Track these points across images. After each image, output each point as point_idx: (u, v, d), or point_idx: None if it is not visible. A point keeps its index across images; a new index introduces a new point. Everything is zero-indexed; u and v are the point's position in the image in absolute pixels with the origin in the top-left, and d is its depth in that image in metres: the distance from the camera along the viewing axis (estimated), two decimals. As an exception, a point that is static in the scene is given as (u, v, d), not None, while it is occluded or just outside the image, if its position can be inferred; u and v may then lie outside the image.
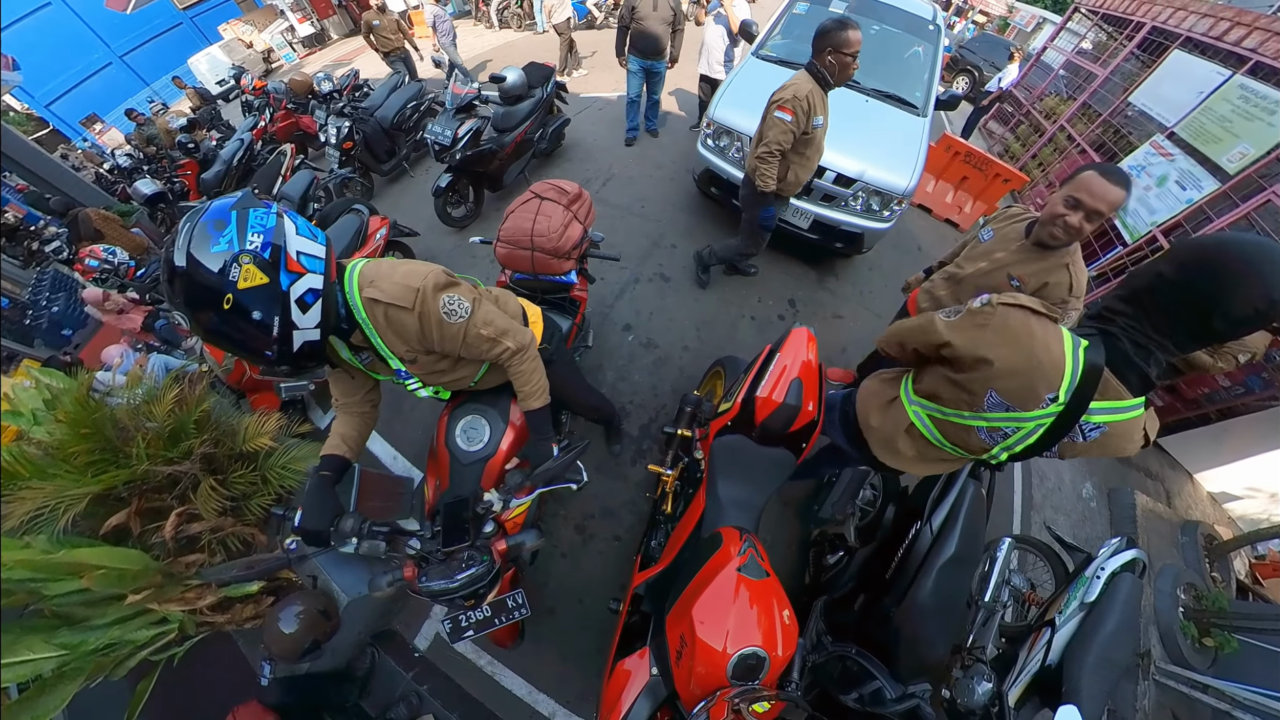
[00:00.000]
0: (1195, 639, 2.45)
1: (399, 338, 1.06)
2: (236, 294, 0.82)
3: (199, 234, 0.79)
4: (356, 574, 1.73)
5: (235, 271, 0.81)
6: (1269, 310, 0.75)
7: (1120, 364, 0.90)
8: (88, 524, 1.56)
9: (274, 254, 0.85)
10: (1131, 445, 0.95)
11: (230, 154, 4.62)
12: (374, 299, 1.00)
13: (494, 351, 1.18)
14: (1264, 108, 3.23)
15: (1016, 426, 1.00)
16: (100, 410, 1.65)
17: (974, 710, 1.48)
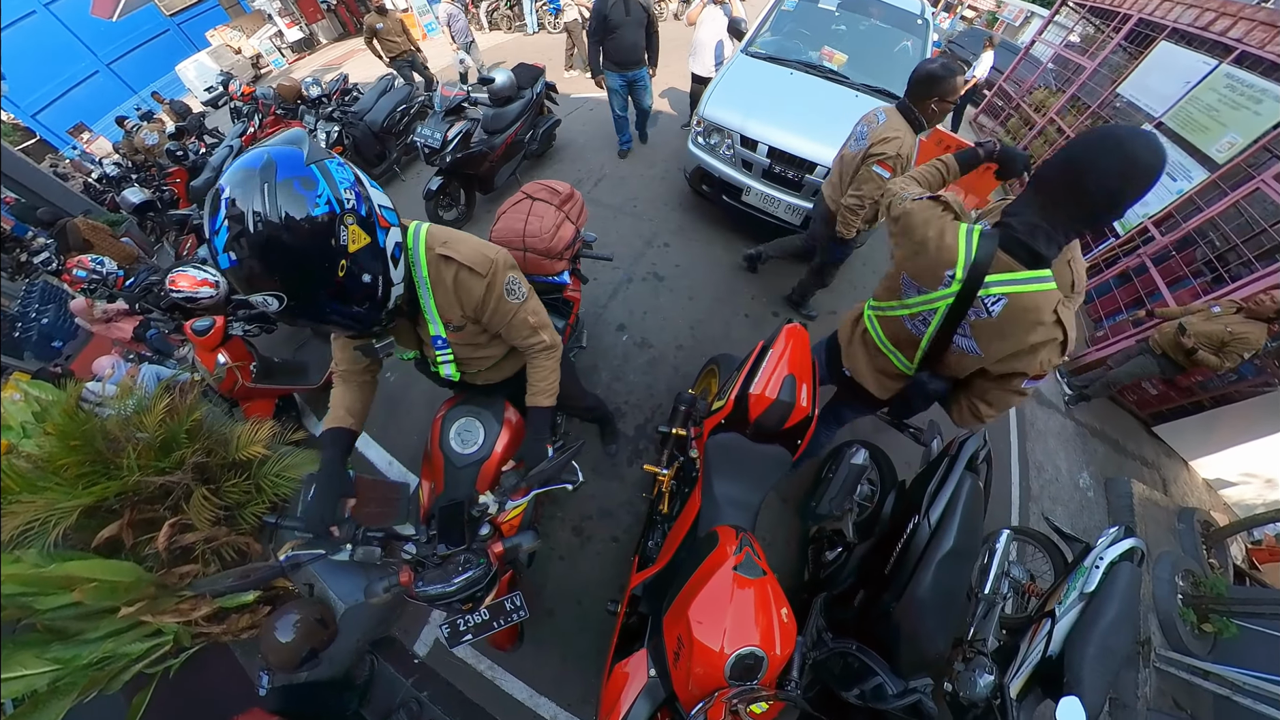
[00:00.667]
0: (1194, 625, 2.46)
1: (458, 302, 1.06)
2: (349, 259, 0.74)
3: (288, 196, 0.67)
4: (353, 581, 1.72)
5: (344, 234, 0.73)
6: (1123, 186, 0.86)
7: (1010, 244, 1.04)
8: (79, 537, 1.55)
9: (367, 208, 0.80)
10: (1043, 322, 1.01)
11: (219, 161, 4.58)
12: (448, 257, 1.00)
13: (530, 340, 1.20)
14: (1250, 96, 3.25)
15: (931, 309, 1.17)
16: (90, 422, 1.63)
17: (976, 703, 1.48)
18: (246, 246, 0.67)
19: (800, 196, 3.01)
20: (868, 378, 1.51)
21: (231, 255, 0.67)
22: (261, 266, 0.68)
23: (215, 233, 0.67)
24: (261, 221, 0.66)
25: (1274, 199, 3.06)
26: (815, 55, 3.36)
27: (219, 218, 0.67)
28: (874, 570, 1.54)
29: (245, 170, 0.68)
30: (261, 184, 0.67)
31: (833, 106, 3.06)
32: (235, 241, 0.67)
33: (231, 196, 0.67)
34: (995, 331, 1.08)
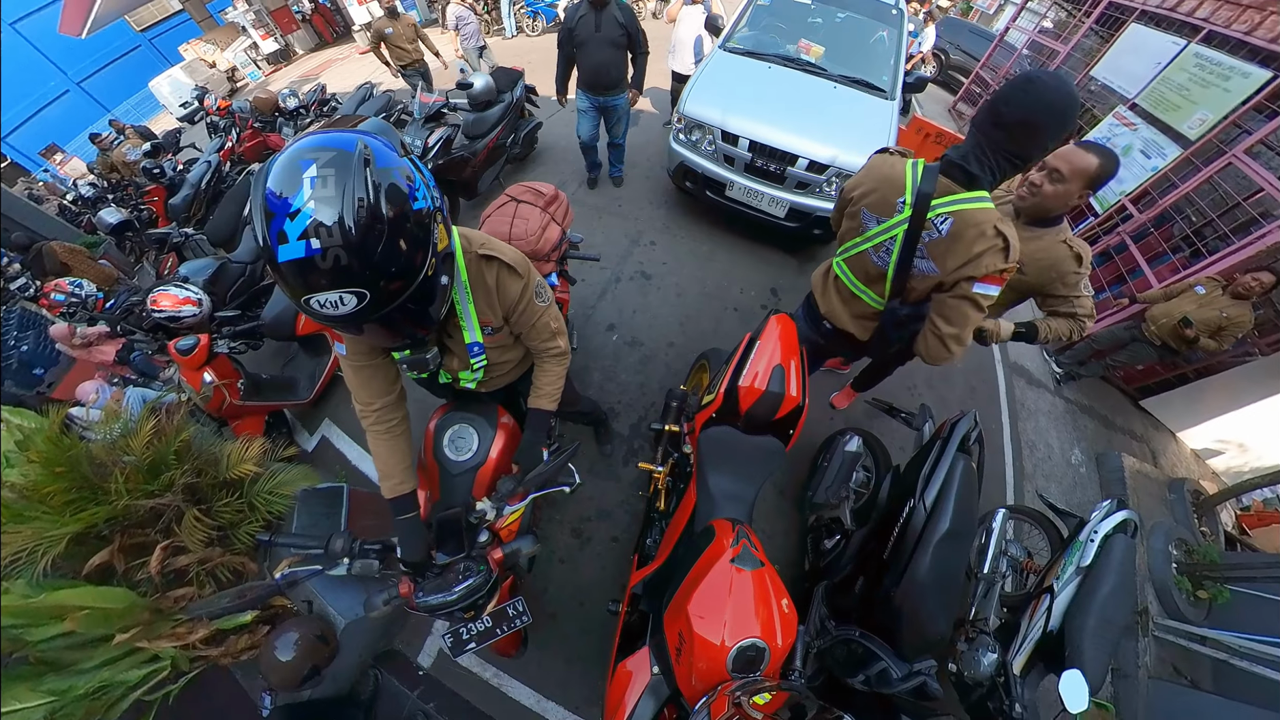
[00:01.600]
0: (1190, 593, 2.51)
1: (498, 303, 1.05)
2: (437, 257, 0.71)
3: (393, 189, 0.62)
4: (352, 595, 1.70)
5: (436, 232, 0.70)
6: (1033, 118, 1.02)
7: (950, 169, 1.20)
8: (69, 565, 1.51)
9: (446, 208, 0.78)
10: (985, 234, 1.15)
11: (198, 177, 4.51)
12: (492, 256, 0.98)
13: (548, 344, 1.19)
14: (1219, 74, 3.32)
15: (890, 237, 1.31)
16: (75, 447, 1.60)
17: (981, 681, 1.50)
18: (340, 235, 0.58)
19: (783, 189, 3.03)
20: (847, 322, 1.63)
21: (314, 243, 0.58)
22: (356, 259, 0.60)
23: (291, 215, 0.57)
24: (365, 209, 0.59)
25: (1246, 173, 3.13)
26: (792, 49, 3.38)
27: (299, 196, 0.57)
28: (873, 556, 1.56)
29: (338, 150, 0.60)
30: (364, 167, 0.60)
31: (812, 99, 3.09)
32: (324, 229, 0.57)
33: (322, 175, 0.58)
34: (947, 248, 1.22)
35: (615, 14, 2.98)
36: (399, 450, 1.14)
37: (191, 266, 2.75)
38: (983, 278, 1.19)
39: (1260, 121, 3.15)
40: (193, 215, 4.49)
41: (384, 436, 1.12)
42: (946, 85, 7.71)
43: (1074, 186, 1.38)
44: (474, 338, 1.07)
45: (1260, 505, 3.27)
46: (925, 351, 1.39)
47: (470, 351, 1.10)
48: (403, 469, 1.14)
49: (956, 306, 1.27)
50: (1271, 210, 3.12)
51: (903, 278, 1.35)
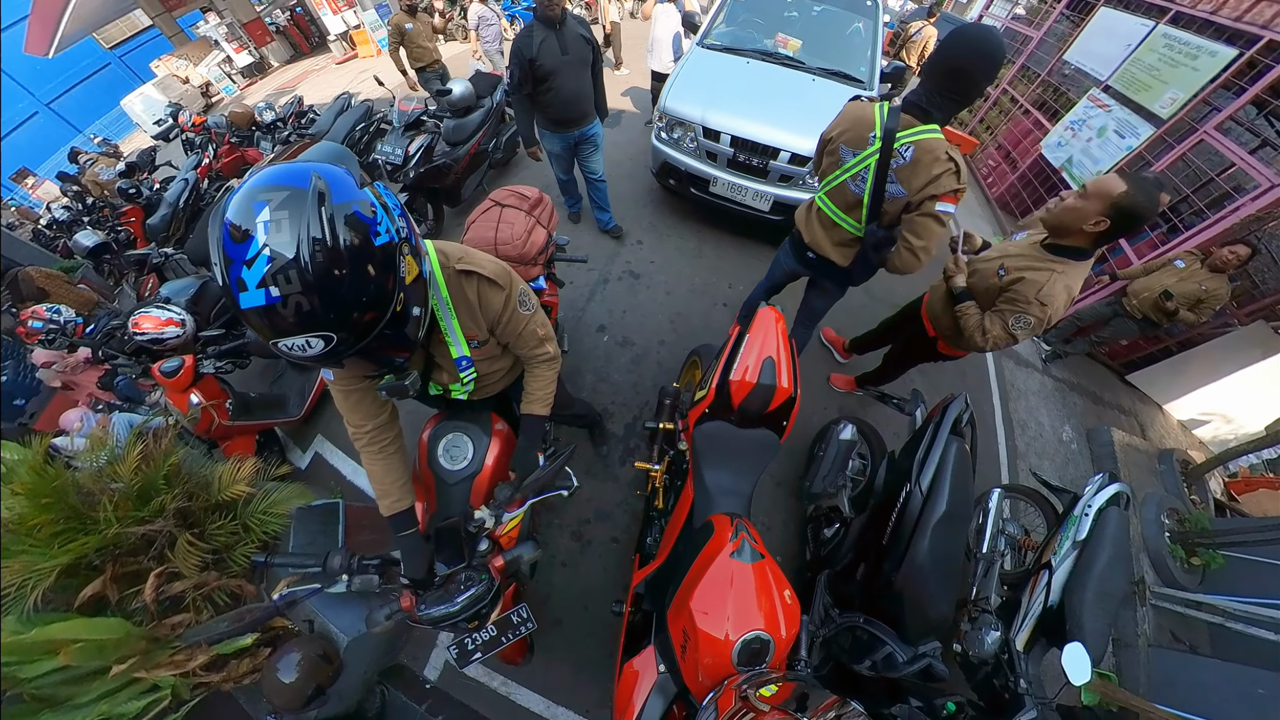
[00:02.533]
0: (1184, 560, 2.56)
1: (481, 317, 1.03)
2: (406, 291, 0.68)
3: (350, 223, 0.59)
4: (354, 612, 1.68)
5: (403, 266, 0.66)
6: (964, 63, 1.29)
7: (909, 108, 1.46)
8: (60, 598, 1.48)
9: (415, 236, 0.75)
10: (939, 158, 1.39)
11: (175, 196, 4.43)
12: (471, 271, 0.96)
13: (536, 351, 1.19)
14: (1187, 53, 3.39)
15: (864, 165, 1.54)
16: (60, 477, 1.56)
17: (986, 660, 1.52)
18: (298, 281, 0.55)
19: (767, 183, 3.04)
20: (829, 250, 1.81)
21: (273, 291, 0.55)
22: (318, 304, 0.58)
23: (248, 263, 0.55)
24: (321, 252, 0.56)
25: (1218, 148, 3.20)
26: (770, 43, 3.40)
27: (253, 244, 0.55)
28: (872, 542, 1.57)
29: (288, 188, 0.57)
30: (317, 207, 0.57)
31: (791, 92, 3.10)
32: (281, 275, 0.55)
33: (275, 218, 0.55)
34: (911, 171, 1.45)
35: (576, 28, 2.51)
36: (394, 468, 1.13)
37: (173, 287, 2.70)
38: (942, 196, 1.42)
39: (1229, 98, 3.22)
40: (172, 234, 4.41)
41: (378, 456, 1.11)
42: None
43: (1093, 205, 1.38)
44: (461, 352, 1.06)
45: (1247, 471, 3.35)
46: (900, 264, 1.61)
47: (459, 366, 1.09)
48: (399, 486, 1.14)
49: (924, 223, 1.49)
50: (1244, 184, 3.19)
51: (878, 202, 1.57)
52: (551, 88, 2.54)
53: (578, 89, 2.63)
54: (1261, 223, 3.15)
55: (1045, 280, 1.48)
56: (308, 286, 0.57)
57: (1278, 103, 3.05)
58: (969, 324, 1.68)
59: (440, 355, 1.08)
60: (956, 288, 1.77)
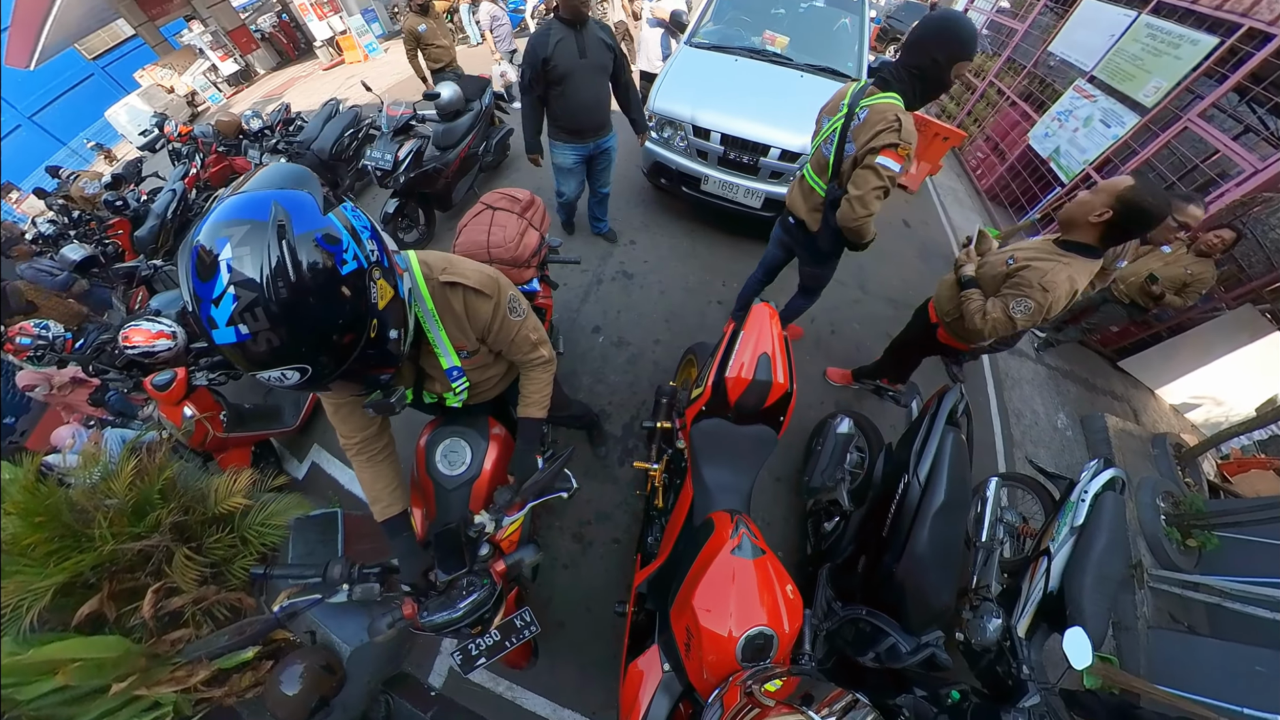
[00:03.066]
0: (1179, 542, 2.59)
1: (470, 327, 1.02)
2: (379, 317, 0.67)
3: (313, 253, 0.58)
4: (355, 621, 1.67)
5: (374, 291, 0.66)
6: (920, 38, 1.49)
7: (876, 80, 1.64)
8: (57, 617, 1.46)
9: (387, 257, 0.71)
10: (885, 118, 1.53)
11: (163, 207, 4.38)
12: (456, 283, 0.95)
13: (530, 355, 1.18)
14: (1169, 42, 3.43)
15: (833, 129, 1.72)
16: (53, 495, 1.55)
17: (988, 647, 1.53)
18: (266, 318, 0.55)
19: (758, 180, 3.05)
20: (804, 213, 1.97)
21: (242, 329, 0.55)
22: (287, 339, 0.58)
23: (215, 301, 0.54)
24: (286, 286, 0.55)
25: (1201, 135, 3.24)
26: (757, 40, 3.41)
27: (218, 282, 0.54)
28: (872, 534, 1.57)
29: (249, 222, 0.55)
30: (278, 240, 0.56)
31: (780, 89, 3.11)
32: (248, 312, 0.55)
33: (237, 255, 0.54)
34: (862, 129, 1.61)
35: (598, 32, 2.35)
36: (384, 474, 1.14)
37: (163, 299, 2.67)
38: (882, 150, 1.53)
39: (1211, 86, 3.26)
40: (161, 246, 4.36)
41: (368, 465, 1.12)
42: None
43: (1097, 200, 1.44)
44: (451, 363, 1.05)
45: (1239, 453, 3.39)
46: (840, 215, 1.72)
47: (450, 376, 1.08)
48: (389, 491, 1.13)
49: (861, 174, 1.62)
50: (1228, 170, 3.23)
51: (839, 162, 1.72)
52: (565, 92, 2.38)
53: (595, 95, 2.47)
54: (1246, 207, 3.19)
55: (1050, 268, 1.52)
56: (276, 322, 0.56)
57: (1259, 89, 3.09)
58: (971, 307, 1.72)
59: (430, 367, 1.08)
60: (964, 276, 1.82)
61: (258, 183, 0.62)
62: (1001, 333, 1.67)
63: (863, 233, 1.72)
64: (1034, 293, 1.53)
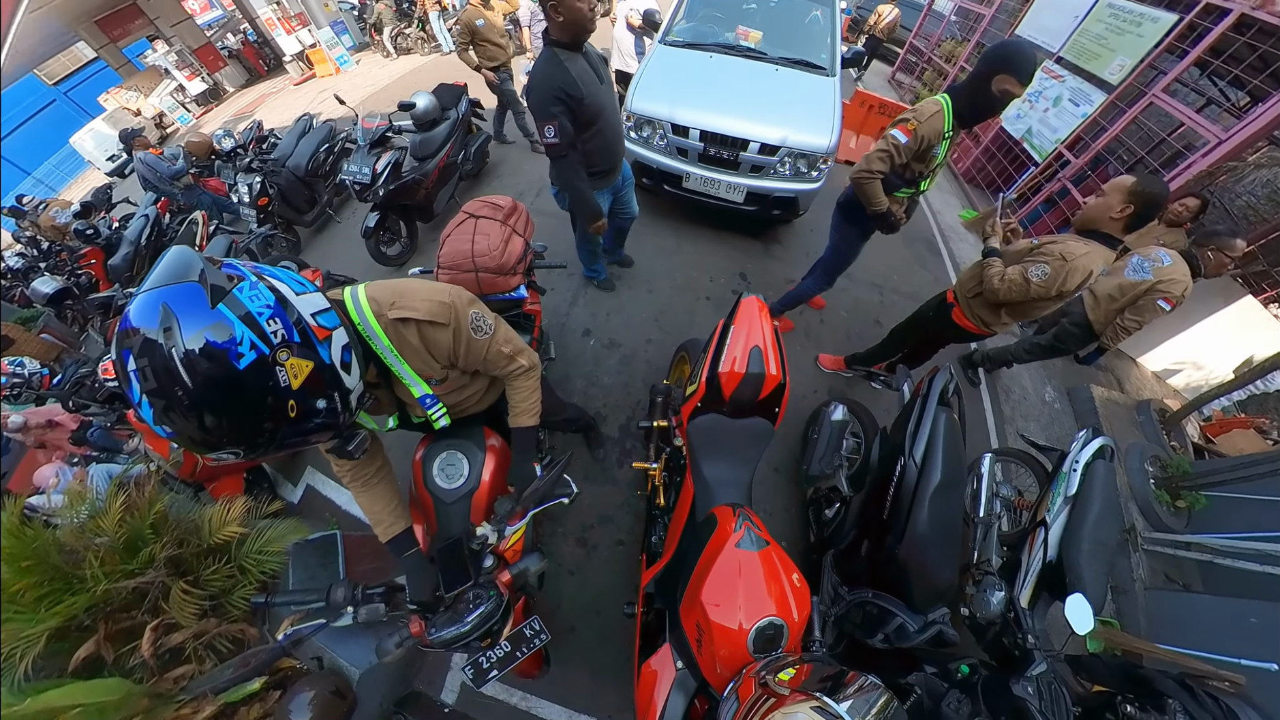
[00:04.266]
0: (1170, 504, 2.65)
1: (431, 357, 1.00)
2: (296, 397, 0.67)
3: (204, 355, 0.58)
4: (363, 644, 1.65)
5: (282, 375, 0.65)
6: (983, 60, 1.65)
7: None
8: (53, 663, 1.42)
9: (300, 331, 0.70)
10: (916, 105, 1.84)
11: (136, 233, 4.28)
12: (406, 318, 0.93)
13: (509, 368, 1.17)
14: (1131, 20, 3.51)
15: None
16: (40, 537, 1.50)
17: (993, 620, 1.55)
18: (181, 418, 0.59)
19: (739, 175, 3.06)
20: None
21: (166, 429, 0.60)
22: (202, 435, 0.61)
23: (138, 405, 0.59)
24: (184, 392, 0.58)
25: (1166, 110, 3.32)
26: (731, 36, 3.42)
27: (134, 390, 0.58)
28: (873, 518, 1.59)
29: (144, 332, 0.58)
30: (168, 349, 0.57)
31: (756, 83, 3.13)
32: (164, 415, 0.59)
33: (139, 367, 0.57)
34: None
35: (596, 50, 1.97)
36: (383, 495, 1.13)
37: (142, 329, 2.61)
38: (896, 124, 1.83)
39: (1173, 62, 3.35)
40: (136, 273, 4.26)
41: (364, 489, 1.12)
42: (884, 58, 7.94)
43: (1113, 199, 1.60)
44: (422, 392, 1.04)
45: (1220, 414, 3.49)
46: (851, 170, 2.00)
47: (423, 404, 1.07)
48: (391, 510, 1.13)
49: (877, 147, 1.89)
50: (1193, 142, 3.31)
51: None
52: (600, 130, 1.94)
53: (618, 123, 2.10)
54: (1212, 177, 3.28)
55: (1073, 245, 1.64)
56: (190, 421, 0.60)
57: (1218, 63, 3.17)
58: (990, 272, 1.82)
59: (404, 395, 1.07)
60: (989, 248, 1.91)
61: (154, 277, 0.62)
62: (1016, 295, 1.75)
63: (866, 191, 1.96)
64: (1053, 261, 1.65)
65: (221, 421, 0.62)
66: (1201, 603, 2.22)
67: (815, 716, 0.66)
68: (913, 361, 2.44)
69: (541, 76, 1.76)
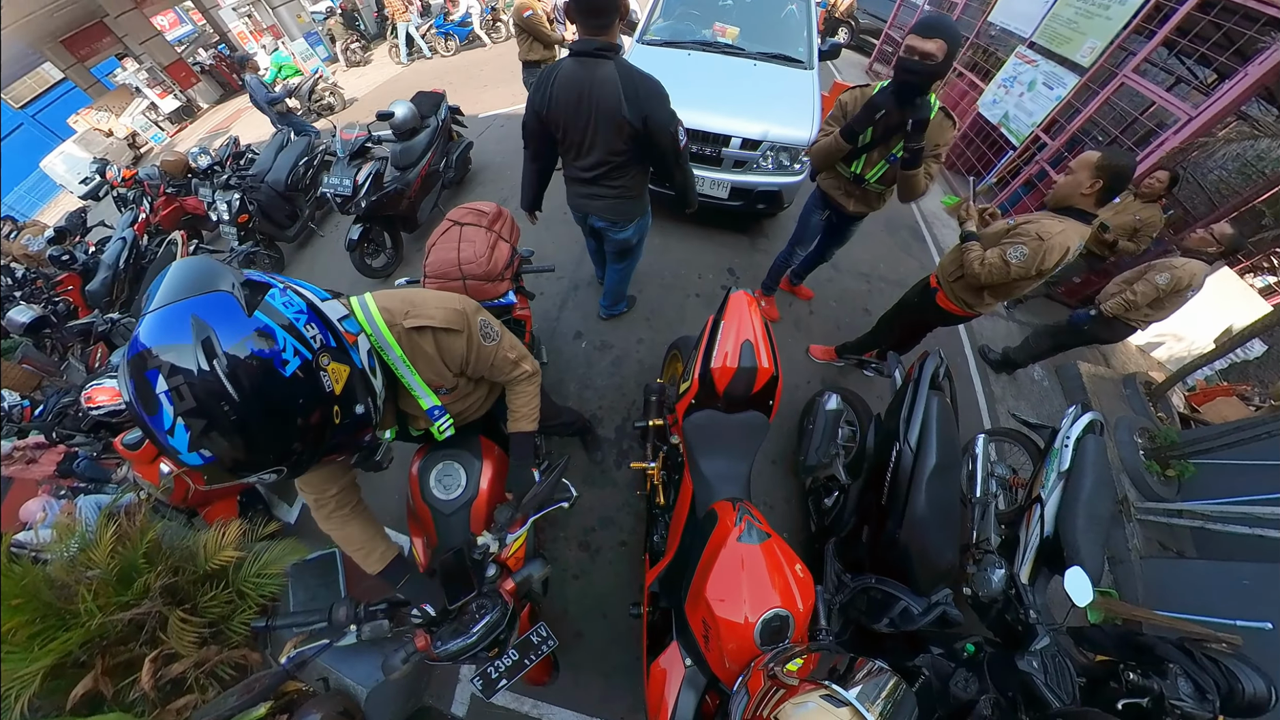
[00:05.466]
0: (1160, 474, 2.71)
1: (445, 365, 0.99)
2: (340, 402, 0.66)
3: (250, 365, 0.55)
4: (368, 661, 1.63)
5: (326, 380, 0.63)
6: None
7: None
8: (50, 702, 1.39)
9: (334, 334, 0.69)
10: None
11: (114, 256, 4.19)
12: (422, 327, 0.92)
13: (514, 374, 1.17)
14: (1099, 3, 3.57)
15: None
16: (29, 574, 1.47)
17: (995, 598, 1.57)
18: (223, 439, 0.54)
19: (722, 170, 3.07)
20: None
21: (205, 453, 0.54)
22: (248, 455, 0.57)
23: (168, 433, 0.53)
24: (230, 407, 0.53)
25: (1138, 89, 3.39)
26: (708, 33, 3.43)
27: (164, 416, 0.52)
28: (872, 504, 1.61)
29: (174, 347, 0.53)
30: (208, 360, 0.53)
31: (735, 79, 3.14)
32: (204, 438, 0.53)
33: (173, 387, 0.52)
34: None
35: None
36: (367, 526, 1.10)
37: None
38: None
39: (1141, 42, 3.41)
40: (116, 298, 4.19)
41: (340, 527, 1.07)
42: (860, 49, 8.02)
43: (1081, 175, 1.61)
44: (430, 403, 1.02)
45: (1203, 383, 3.57)
46: None
47: (431, 416, 1.05)
48: (372, 539, 1.10)
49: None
50: (1165, 120, 3.38)
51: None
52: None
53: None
54: (1184, 154, 3.35)
55: (1048, 223, 1.66)
56: (233, 441, 0.55)
57: (1185, 41, 3.24)
58: (970, 256, 1.83)
59: (410, 407, 1.06)
60: (965, 231, 1.92)
61: (169, 291, 0.57)
62: (997, 278, 1.76)
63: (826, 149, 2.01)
64: (1030, 241, 1.66)
65: (269, 435, 0.58)
66: (1196, 568, 2.27)
67: (825, 704, 0.66)
68: (902, 348, 2.46)
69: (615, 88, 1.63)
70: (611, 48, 1.56)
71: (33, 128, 11.40)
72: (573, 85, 1.61)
